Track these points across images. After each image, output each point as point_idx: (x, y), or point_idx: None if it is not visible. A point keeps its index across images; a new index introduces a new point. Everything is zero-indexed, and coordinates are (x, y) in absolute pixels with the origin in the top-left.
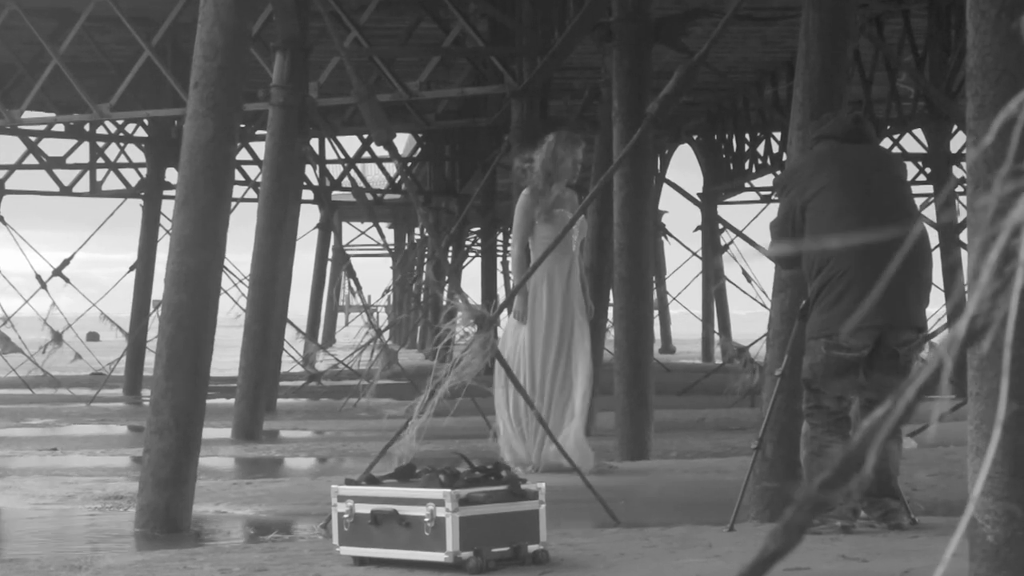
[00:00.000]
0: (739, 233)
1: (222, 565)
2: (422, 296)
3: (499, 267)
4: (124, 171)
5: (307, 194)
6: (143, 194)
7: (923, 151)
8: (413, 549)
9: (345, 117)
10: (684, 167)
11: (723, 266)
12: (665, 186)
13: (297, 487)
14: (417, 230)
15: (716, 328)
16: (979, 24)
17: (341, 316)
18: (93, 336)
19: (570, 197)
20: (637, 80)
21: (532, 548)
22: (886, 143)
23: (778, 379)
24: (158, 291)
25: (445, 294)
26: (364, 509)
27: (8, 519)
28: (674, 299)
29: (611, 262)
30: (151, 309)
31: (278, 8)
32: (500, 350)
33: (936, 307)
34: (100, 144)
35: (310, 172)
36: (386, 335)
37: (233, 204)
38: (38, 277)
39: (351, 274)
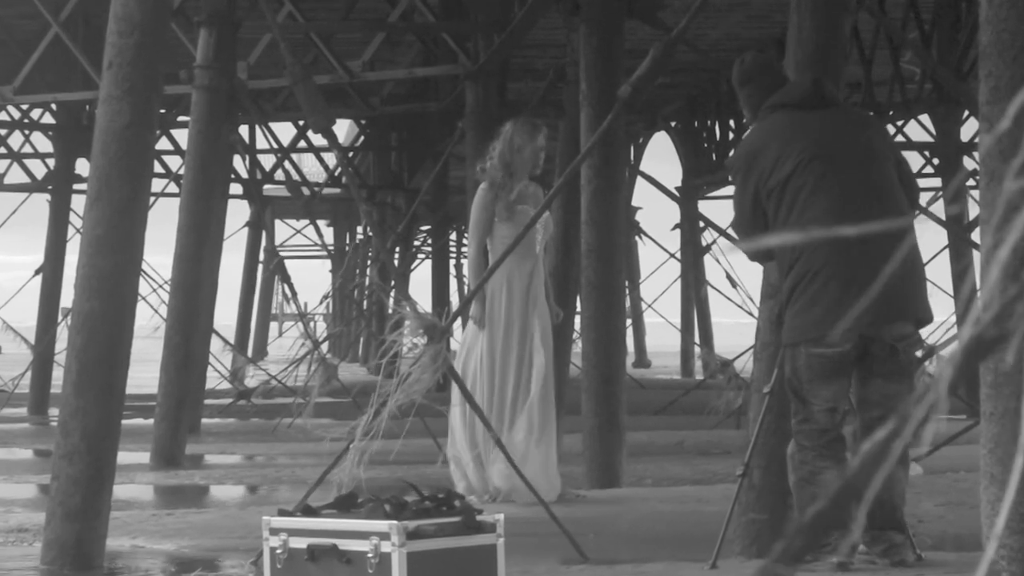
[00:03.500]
0: (722, 232)
1: None
2: (365, 303)
3: (452, 270)
4: (29, 162)
5: (235, 188)
6: (50, 188)
7: (931, 139)
8: None
9: (278, 101)
10: (661, 158)
11: (704, 268)
12: (639, 179)
13: (224, 519)
14: (360, 229)
15: (697, 339)
16: None
17: (274, 326)
18: None
19: (534, 192)
20: (608, 59)
21: None
22: (889, 131)
23: (766, 397)
24: (67, 298)
25: (391, 301)
26: (300, 543)
27: None
28: (649, 306)
29: (578, 265)
30: (59, 318)
31: None
32: (454, 364)
33: (944, 315)
34: (1, 132)
35: (239, 163)
36: (325, 347)
37: (152, 199)
38: None
39: (285, 278)
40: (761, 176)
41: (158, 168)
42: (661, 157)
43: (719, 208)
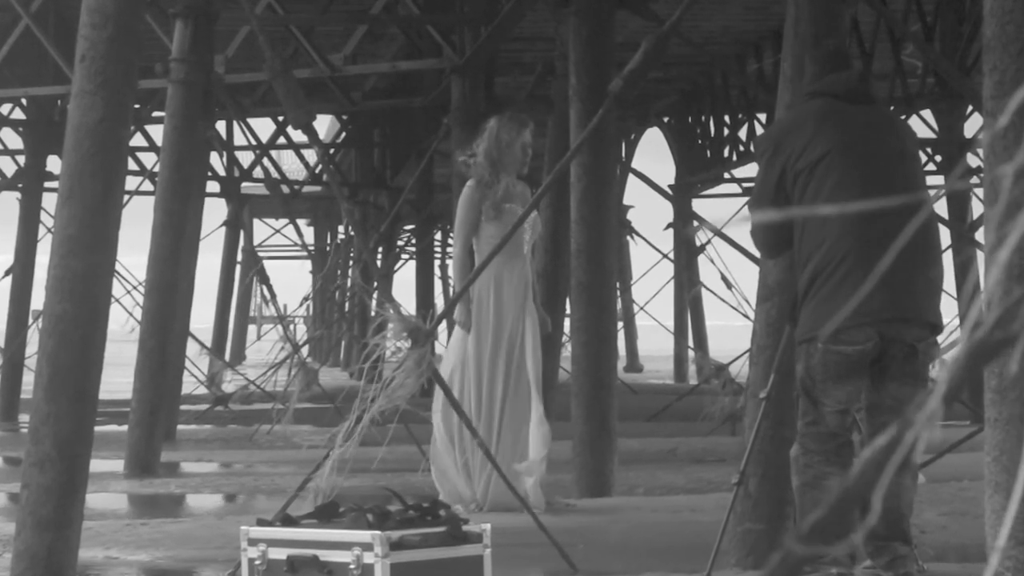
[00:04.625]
0: (718, 232)
1: None
2: (347, 306)
3: (437, 271)
4: None
5: (212, 186)
6: (20, 186)
7: (933, 135)
8: None
9: (257, 96)
10: (653, 155)
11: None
12: (631, 177)
13: (201, 529)
14: (341, 228)
15: (691, 343)
16: None
17: (252, 329)
18: None
19: (522, 191)
20: (598, 53)
21: None
22: None
23: (763, 403)
24: (38, 300)
25: (374, 303)
26: (279, 554)
27: None
28: (641, 309)
29: (568, 266)
30: (30, 321)
31: None
32: (439, 368)
33: (948, 318)
34: None
35: (216, 160)
36: (305, 351)
37: (126, 198)
38: None
39: (264, 279)
40: (790, 156)
41: (132, 165)
42: (653, 154)
43: (715, 206)
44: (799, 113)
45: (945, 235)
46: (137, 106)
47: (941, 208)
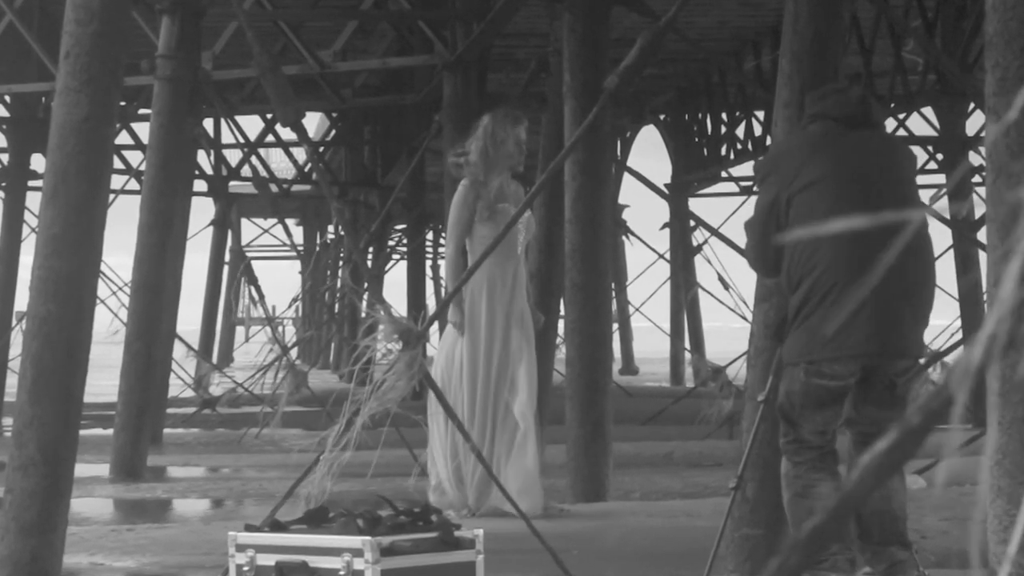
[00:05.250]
0: (714, 231)
1: None
2: (336, 307)
3: (429, 272)
4: None
5: (199, 185)
6: (3, 185)
7: (934, 133)
8: None
9: (245, 93)
10: (649, 153)
11: (695, 268)
12: (626, 175)
13: (188, 534)
14: (331, 228)
15: (687, 345)
16: None
17: (240, 330)
18: None
19: (515, 191)
20: (593, 49)
21: None
22: (890, 125)
23: (761, 406)
24: (22, 301)
25: (364, 304)
26: (267, 560)
27: None
28: (637, 310)
29: (562, 266)
30: (14, 322)
31: None
32: (430, 371)
33: (950, 319)
34: None
35: (203, 158)
36: (294, 353)
37: (112, 197)
38: None
39: (252, 280)
40: (784, 180)
41: (118, 164)
42: (649, 152)
43: (712, 206)
44: (796, 137)
45: (946, 235)
46: (123, 103)
47: (943, 208)
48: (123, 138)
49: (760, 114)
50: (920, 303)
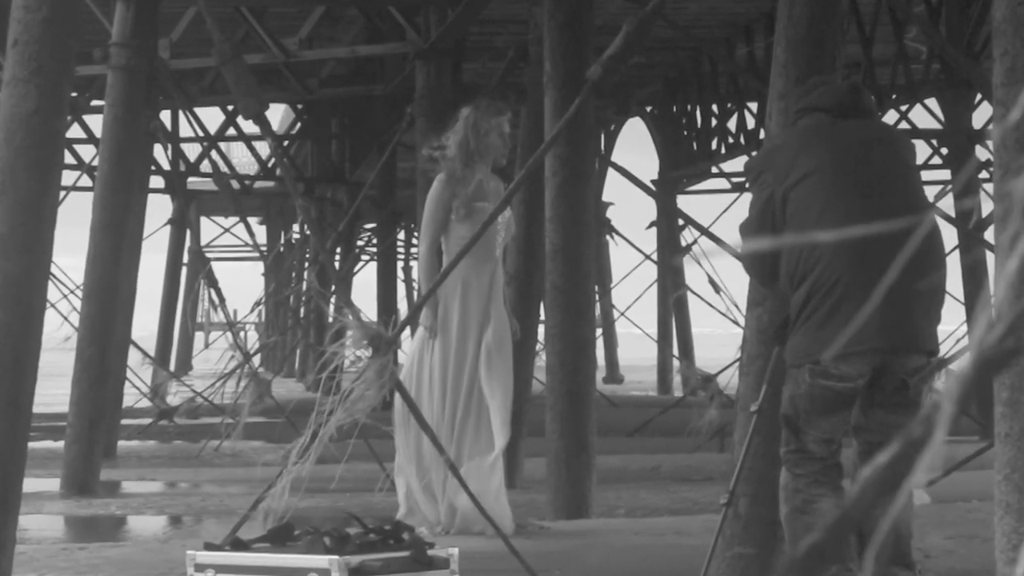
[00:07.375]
0: (704, 231)
1: None
2: (302, 311)
3: (400, 274)
4: None
5: (156, 181)
6: None
7: (938, 126)
8: None
9: (204, 83)
10: (635, 147)
11: (683, 270)
12: (610, 171)
13: (143, 553)
14: (296, 227)
15: (675, 351)
16: None
17: (199, 336)
18: None
19: (495, 188)
20: (575, 37)
21: None
22: (891, 117)
23: (754, 416)
24: None
25: (331, 308)
26: None
27: None
28: (622, 314)
29: (542, 267)
30: None
31: None
32: (401, 379)
33: (955, 323)
34: None
35: (160, 153)
36: (256, 360)
37: (62, 194)
38: None
39: (212, 283)
40: (777, 176)
41: (69, 159)
42: (635, 146)
43: (702, 203)
44: (786, 135)
45: (952, 235)
46: (74, 94)
47: (947, 206)
48: (75, 131)
49: (753, 106)
50: (931, 296)
